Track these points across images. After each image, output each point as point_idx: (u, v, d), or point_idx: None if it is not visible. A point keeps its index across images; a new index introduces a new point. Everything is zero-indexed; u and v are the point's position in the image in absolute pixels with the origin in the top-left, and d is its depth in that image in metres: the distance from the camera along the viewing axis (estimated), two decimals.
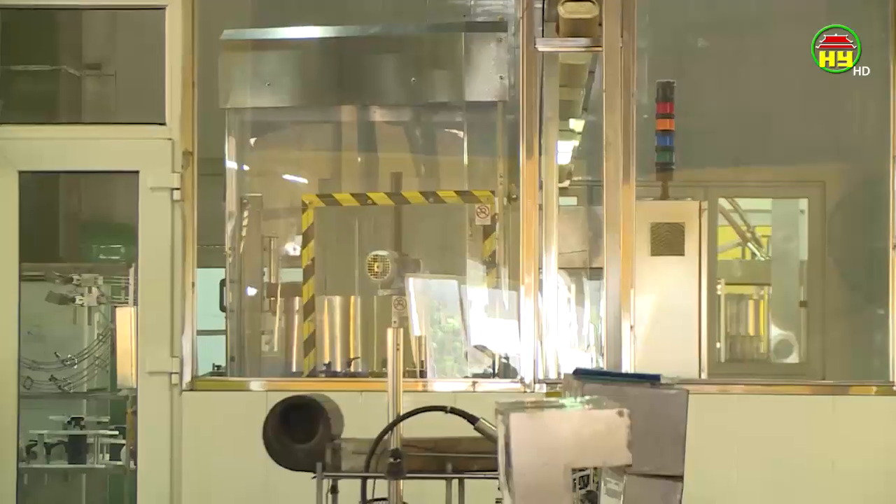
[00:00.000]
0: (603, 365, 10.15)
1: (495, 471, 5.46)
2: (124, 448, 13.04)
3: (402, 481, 7.84)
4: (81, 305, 13.65)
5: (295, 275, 12.73)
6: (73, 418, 13.56)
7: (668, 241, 11.19)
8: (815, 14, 13.48)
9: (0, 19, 11.09)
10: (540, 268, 10.40)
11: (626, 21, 9.83)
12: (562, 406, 5.09)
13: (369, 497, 7.76)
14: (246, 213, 12.47)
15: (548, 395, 9.19)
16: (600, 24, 9.67)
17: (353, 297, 12.60)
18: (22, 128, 11.22)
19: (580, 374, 6.36)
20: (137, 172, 10.52)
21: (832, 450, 10.38)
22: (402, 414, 7.85)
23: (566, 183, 12.73)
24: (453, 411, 7.69)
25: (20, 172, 10.78)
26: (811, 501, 10.29)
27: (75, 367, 13.78)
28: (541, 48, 10.15)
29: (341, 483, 8.02)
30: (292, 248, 12.90)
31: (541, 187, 10.56)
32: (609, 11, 9.51)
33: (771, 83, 14.47)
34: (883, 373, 10.63)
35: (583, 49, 10.11)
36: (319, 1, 13.89)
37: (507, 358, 10.98)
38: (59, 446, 13.24)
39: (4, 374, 10.85)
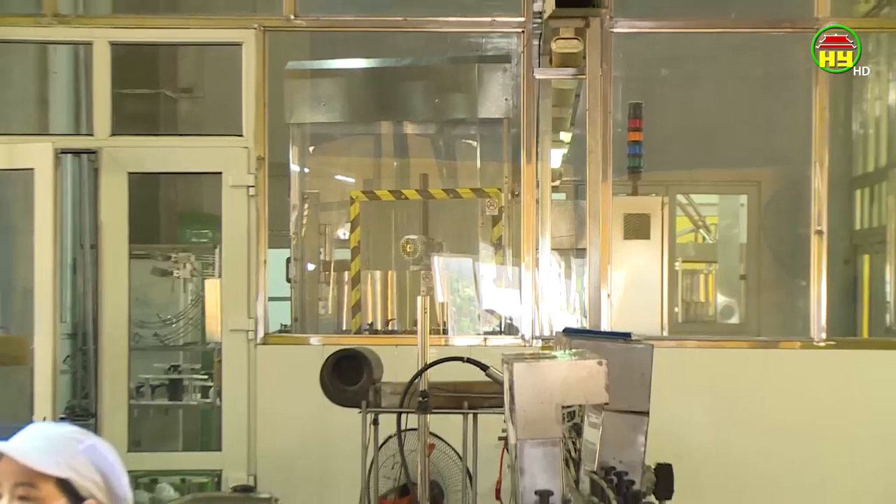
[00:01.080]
0: (586, 325, 10.01)
1: (501, 407, 5.88)
2: (212, 389, 12.84)
3: (428, 415, 8.32)
4: (178, 277, 13.33)
5: (344, 254, 12.76)
6: (172, 365, 13.42)
7: (637, 228, 11.15)
8: (754, 47, 13.99)
9: (113, 53, 10.90)
10: (536, 249, 10.49)
11: (605, 55, 9.93)
12: (553, 357, 5.55)
13: (403, 428, 8.21)
14: (306, 206, 12.49)
15: (543, 348, 9.28)
16: (584, 58, 9.66)
17: (390, 272, 12.48)
18: (130, 139, 11.34)
19: (568, 332, 7.00)
20: (221, 173, 10.58)
21: (765, 392, 10.36)
22: (428, 363, 8.31)
23: (557, 182, 12.67)
24: (469, 361, 8.15)
25: (129, 173, 10.74)
26: (748, 431, 10.19)
27: (173, 325, 13.48)
28: (538, 76, 10.27)
29: (381, 416, 8.43)
30: (342, 233, 12.89)
31: (537, 186, 10.65)
32: (591, 47, 9.50)
33: (718, 103, 14.74)
34: (805, 331, 10.72)
35: (570, 77, 10.21)
36: (362, 38, 13.57)
37: (510, 319, 11.03)
38: (161, 387, 13.14)
39: (118, 330, 10.84)
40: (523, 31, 10.55)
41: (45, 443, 3.97)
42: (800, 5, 11.24)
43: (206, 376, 13.12)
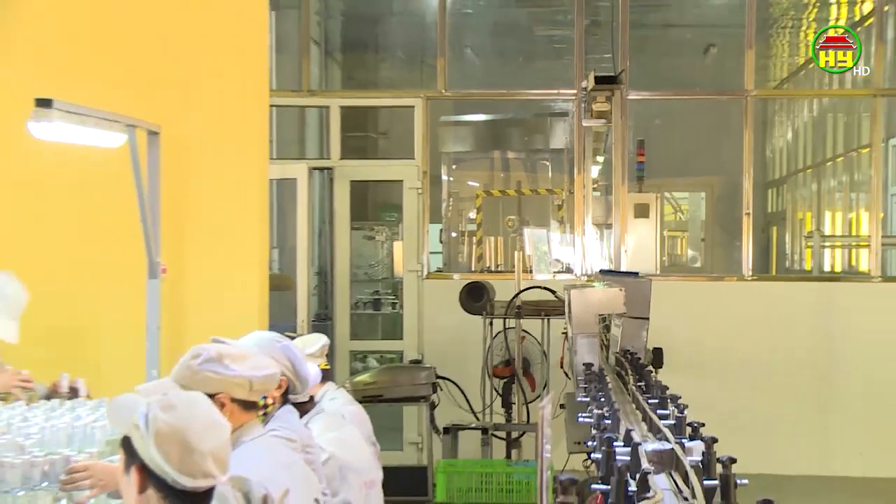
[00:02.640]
0: (612, 267, 10.01)
1: (563, 315, 7.44)
2: (397, 304, 12.87)
3: (521, 320, 9.45)
4: (377, 240, 13.93)
5: (472, 227, 13.45)
6: (374, 291, 13.87)
7: (642, 211, 11.66)
8: (709, 106, 14.22)
9: (341, 111, 11.89)
10: (583, 223, 10.95)
11: (623, 111, 10.18)
12: (593, 286, 6.90)
13: (506, 327, 9.53)
14: (451, 199, 13.37)
15: (588, 281, 9.42)
16: (611, 113, 9.76)
17: (499, 237, 12.98)
18: (352, 161, 12.23)
19: (602, 272, 8.29)
20: (402, 181, 11.55)
21: (716, 306, 11.17)
22: (520, 289, 9.48)
23: (595, 185, 12.80)
24: (545, 288, 9.39)
25: (350, 181, 11.75)
26: (707, 329, 10.92)
27: (375, 268, 13.86)
28: (584, 124, 10.61)
29: (495, 321, 9.66)
30: (471, 214, 13.55)
31: (584, 186, 11.18)
32: (615, 107, 9.57)
33: (689, 138, 15.07)
34: (739, 271, 11.54)
35: (602, 124, 10.20)
36: (483, 102, 13.76)
37: (568, 264, 11.54)
38: (368, 303, 13.56)
39: (344, 272, 11.86)
40: (576, 98, 11.25)
41: (258, 342, 4.43)
42: (738, 80, 11.79)
43: (394, 297, 13.37)
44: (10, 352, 6.23)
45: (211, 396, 3.14)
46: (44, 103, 5.72)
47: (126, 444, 2.84)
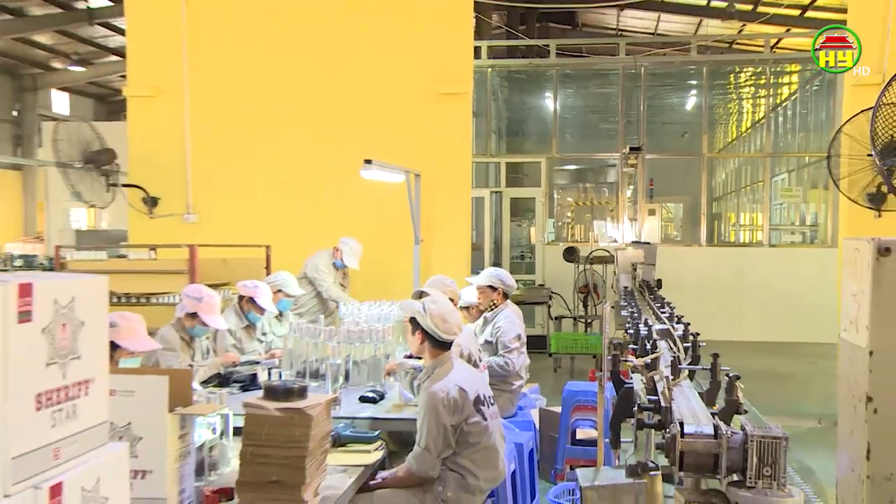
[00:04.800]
0: (637, 239, 11.09)
1: (613, 263, 8.60)
2: (531, 257, 13.63)
3: (592, 265, 10.66)
4: (522, 226, 14.01)
5: (568, 220, 15.46)
6: (521, 251, 13.94)
7: (651, 212, 13.59)
8: (682, 163, 15.57)
9: (506, 165, 14.00)
10: (623, 218, 12.95)
11: (643, 164, 11.80)
12: (627, 248, 7.65)
13: (585, 269, 10.55)
14: (558, 206, 15.02)
15: (626, 246, 8.82)
16: (637, 164, 11.39)
17: (581, 224, 15.48)
18: (510, 188, 13.92)
19: (632, 242, 9.21)
20: (535, 198, 13.83)
21: (688, 259, 13.08)
22: (592, 250, 11.03)
23: (628, 199, 13.58)
24: (604, 249, 10.95)
25: (510, 198, 13.64)
26: (682, 274, 11.98)
27: (521, 240, 13.98)
28: (624, 170, 12.42)
29: (579, 265, 10.93)
30: (568, 213, 15.50)
31: (623, 200, 13.08)
32: (640, 162, 11.30)
33: (674, 177, 16.16)
34: (699, 241, 13.76)
35: (633, 169, 11.85)
36: (574, 160, 16.28)
37: (616, 239, 12.82)
38: (518, 256, 13.97)
39: (506, 242, 13.20)
40: (620, 157, 12.79)
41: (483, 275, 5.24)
42: (698, 147, 14.21)
43: (531, 254, 13.65)
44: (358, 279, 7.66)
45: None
46: (368, 162, 6.79)
47: (412, 320, 3.68)
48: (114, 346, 3.68)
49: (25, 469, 1.30)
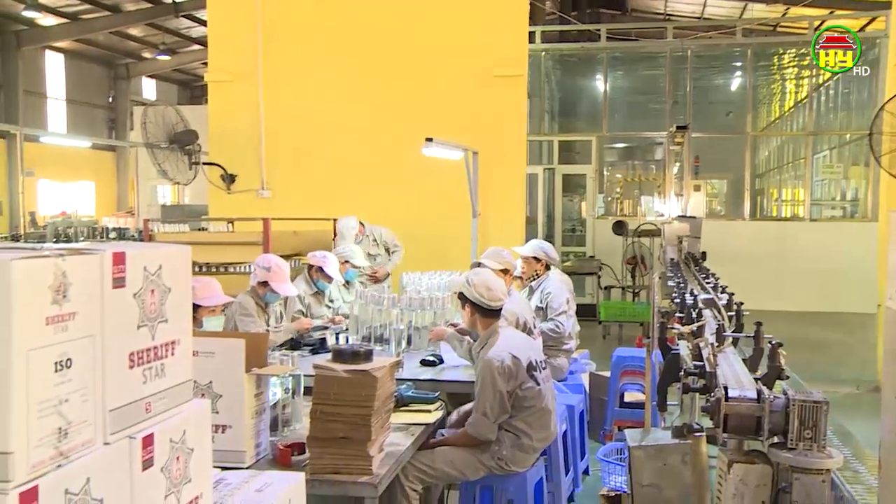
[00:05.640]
0: (682, 213, 9.77)
1: (660, 236, 7.72)
2: (582, 230, 13.69)
3: (640, 238, 10.70)
4: (574, 201, 14.01)
5: (617, 195, 15.67)
6: (572, 225, 13.93)
7: (697, 188, 13.28)
8: (736, 137, 14.83)
9: (558, 143, 13.97)
10: (669, 194, 11.31)
11: (689, 142, 10.79)
12: (673, 222, 7.34)
13: (633, 241, 10.73)
14: (607, 182, 15.05)
15: (671, 221, 8.01)
16: (683, 142, 10.53)
17: (630, 199, 15.70)
18: (562, 165, 13.61)
19: (679, 216, 8.38)
20: (586, 174, 13.54)
21: (732, 232, 12.86)
22: (640, 224, 10.90)
23: (675, 176, 12.24)
24: (651, 223, 10.73)
25: (562, 174, 13.28)
26: (725, 245, 11.19)
27: (572, 214, 14.00)
28: (671, 148, 11.20)
29: (628, 238, 11.08)
30: (617, 189, 15.69)
31: (670, 177, 11.78)
32: (686, 141, 10.52)
33: (719, 154, 15.52)
34: (742, 215, 13.57)
35: (679, 147, 10.84)
36: (623, 138, 16.00)
37: (663, 214, 12.02)
38: (569, 229, 13.91)
39: (558, 215, 13.00)
40: (667, 135, 11.83)
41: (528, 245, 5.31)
42: (742, 126, 13.98)
43: (581, 227, 13.57)
44: (411, 242, 7.49)
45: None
46: (429, 140, 6.66)
47: (461, 295, 3.79)
48: (195, 308, 3.77)
49: (121, 420, 1.36)
